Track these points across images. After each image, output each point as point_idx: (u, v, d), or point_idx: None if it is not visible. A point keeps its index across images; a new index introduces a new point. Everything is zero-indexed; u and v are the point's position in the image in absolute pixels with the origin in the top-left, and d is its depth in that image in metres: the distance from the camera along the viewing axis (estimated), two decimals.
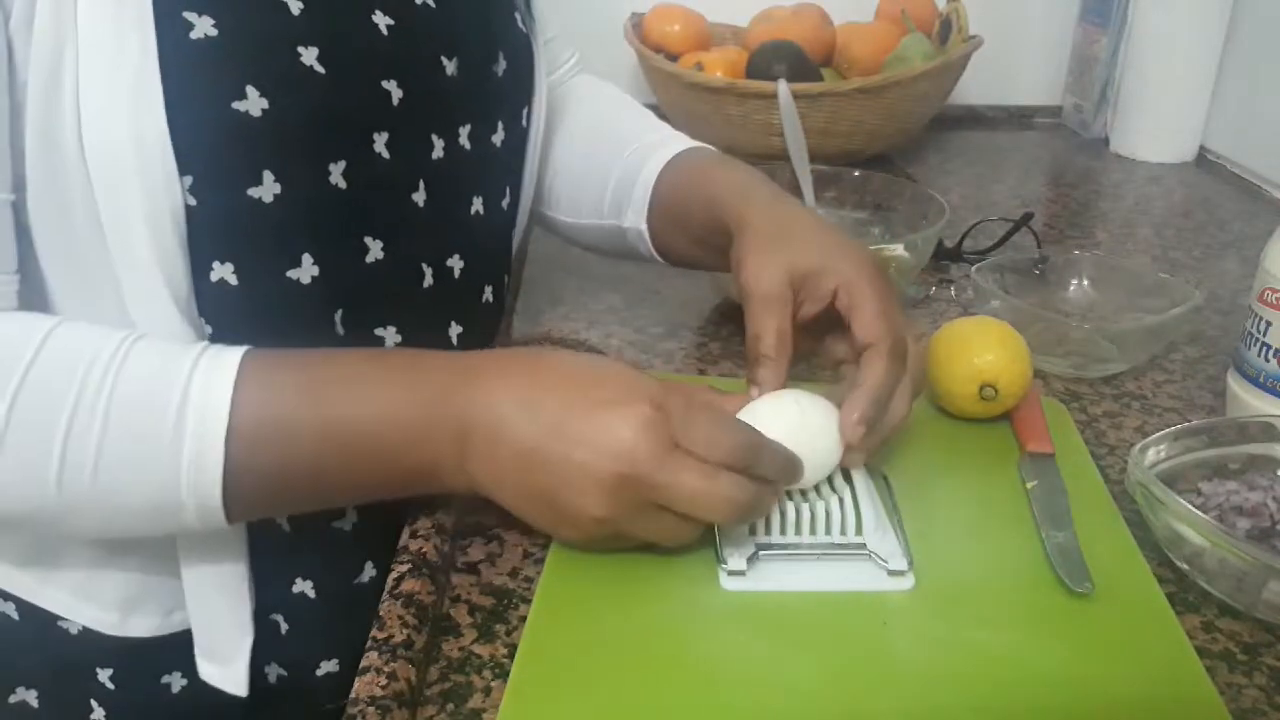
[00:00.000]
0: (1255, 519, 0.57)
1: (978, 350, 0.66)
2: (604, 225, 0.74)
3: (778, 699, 0.47)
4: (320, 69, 0.51)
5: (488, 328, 0.68)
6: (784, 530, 0.55)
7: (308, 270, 0.54)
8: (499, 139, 0.65)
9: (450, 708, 0.47)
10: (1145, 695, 0.48)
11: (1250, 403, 0.68)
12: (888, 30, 1.28)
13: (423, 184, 0.59)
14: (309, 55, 0.51)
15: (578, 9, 0.91)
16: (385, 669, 0.47)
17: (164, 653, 0.61)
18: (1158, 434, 0.61)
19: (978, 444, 0.66)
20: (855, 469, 0.58)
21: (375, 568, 0.63)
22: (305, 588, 0.60)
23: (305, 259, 0.54)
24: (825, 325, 0.61)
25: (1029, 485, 0.61)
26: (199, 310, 0.52)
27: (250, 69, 0.49)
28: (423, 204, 0.59)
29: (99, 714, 0.62)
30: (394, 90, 0.55)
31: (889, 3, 1.33)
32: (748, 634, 0.50)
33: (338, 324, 0.56)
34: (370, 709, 0.45)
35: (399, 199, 0.58)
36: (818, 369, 0.66)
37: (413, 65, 0.57)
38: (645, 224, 0.71)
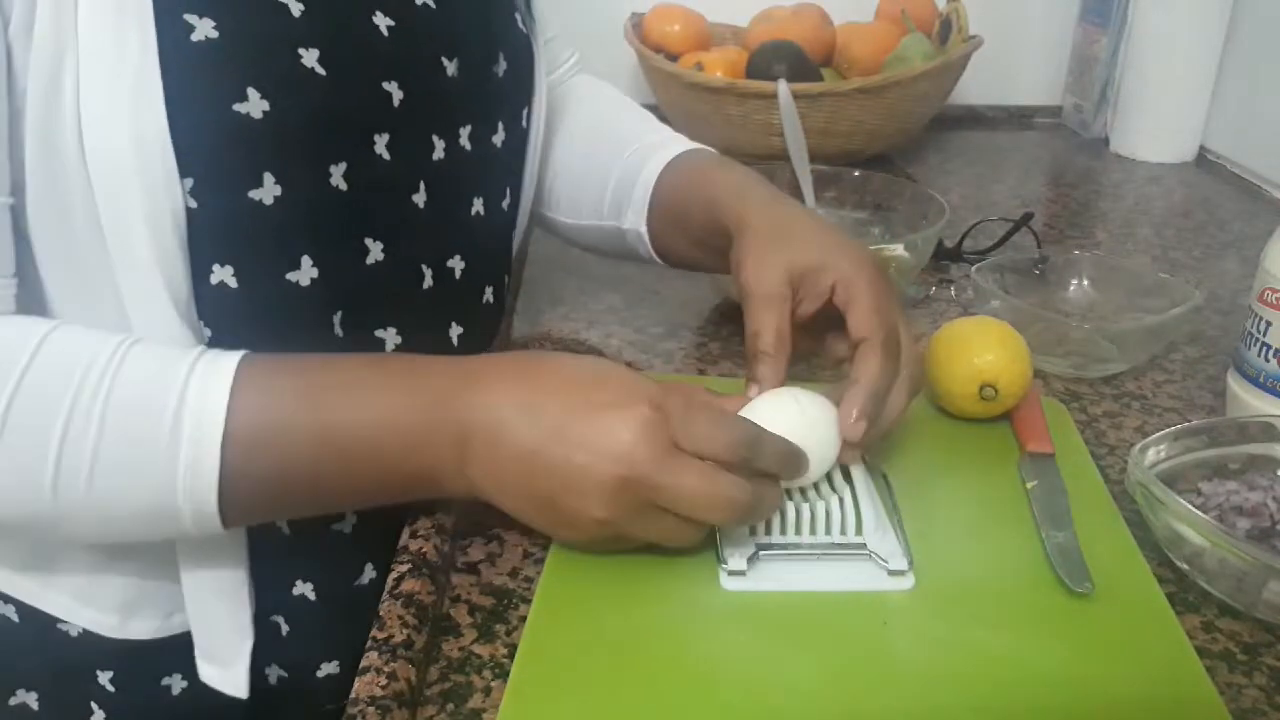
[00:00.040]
0: (1255, 519, 0.57)
1: (978, 350, 0.66)
2: (603, 226, 0.74)
3: (778, 699, 0.47)
4: (321, 70, 0.51)
5: (488, 328, 0.68)
6: (784, 530, 0.55)
7: (307, 272, 0.54)
8: (499, 140, 0.65)
9: (450, 708, 0.47)
10: (1145, 695, 0.48)
11: (1250, 403, 0.68)
12: (888, 30, 1.28)
13: (423, 185, 0.59)
14: (310, 57, 0.51)
15: (578, 9, 0.91)
16: (385, 669, 0.47)
17: (164, 655, 0.61)
18: (1158, 434, 0.61)
19: (978, 444, 0.66)
20: (855, 467, 0.58)
21: (375, 569, 0.63)
22: (305, 590, 0.60)
23: (305, 261, 0.54)
24: (825, 324, 0.61)
25: (1029, 485, 0.61)
26: (198, 314, 0.52)
27: (251, 71, 0.49)
28: (423, 205, 0.59)
29: (99, 716, 0.62)
30: (395, 91, 0.55)
31: (889, 3, 1.33)
32: (748, 634, 0.50)
33: (336, 326, 0.56)
34: (370, 709, 0.45)
35: (399, 200, 0.58)
36: (818, 369, 0.66)
37: (413, 66, 0.57)
38: (645, 225, 0.71)
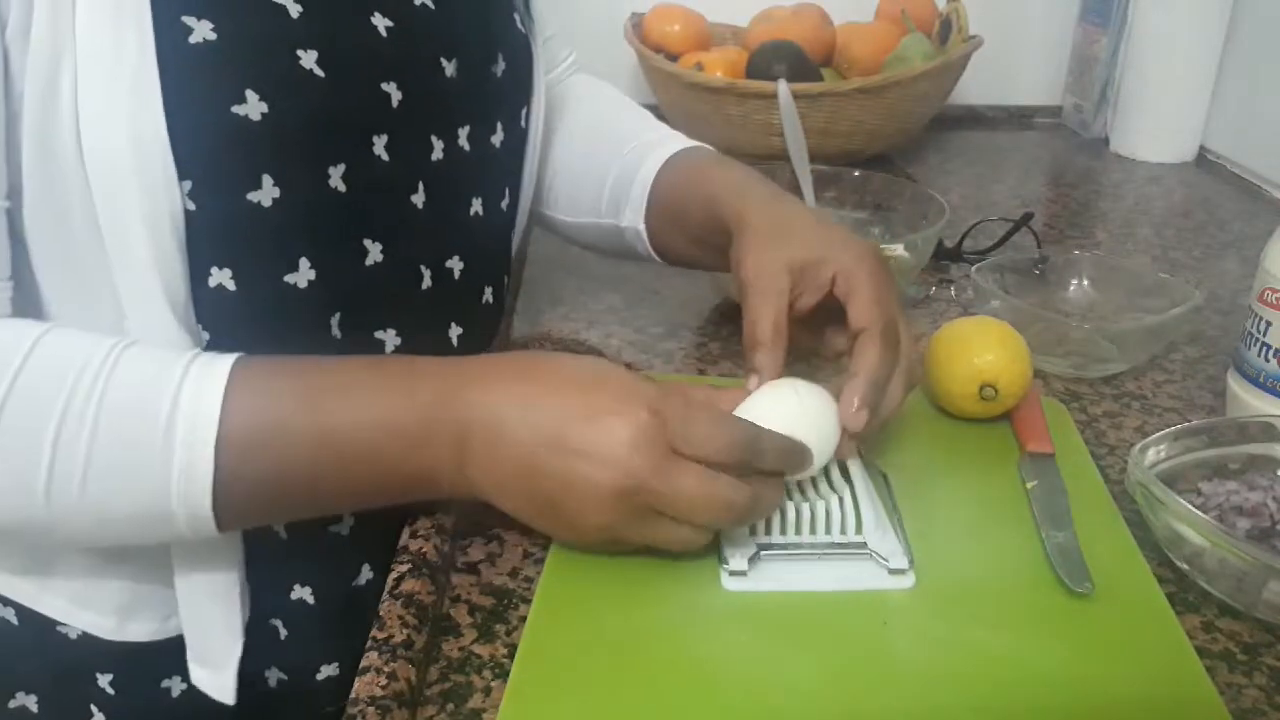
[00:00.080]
0: (1255, 519, 0.57)
1: (978, 350, 0.66)
2: (602, 224, 0.74)
3: (778, 699, 0.47)
4: (319, 72, 0.51)
5: (488, 329, 0.68)
6: (785, 530, 0.55)
7: (305, 274, 0.54)
8: (498, 140, 0.65)
9: (450, 708, 0.47)
10: (1145, 695, 0.48)
11: (1250, 403, 0.68)
12: (888, 30, 1.28)
13: (422, 186, 0.59)
14: (308, 58, 0.51)
15: (578, 9, 0.91)
16: (385, 669, 0.47)
17: (163, 657, 0.61)
18: (1158, 434, 0.61)
19: (978, 444, 0.66)
20: (854, 466, 0.58)
21: (373, 570, 0.63)
22: (303, 594, 0.60)
23: (303, 263, 0.54)
24: (824, 319, 0.61)
25: (1029, 485, 0.61)
26: (196, 316, 0.52)
27: (249, 72, 0.49)
28: (422, 206, 0.59)
29: (99, 718, 0.62)
30: (393, 92, 0.55)
31: (889, 3, 1.33)
32: (749, 634, 0.50)
33: (335, 328, 0.56)
34: (370, 709, 0.45)
35: (398, 201, 0.58)
36: (817, 368, 0.66)
37: (412, 67, 0.57)
38: (643, 223, 0.71)
